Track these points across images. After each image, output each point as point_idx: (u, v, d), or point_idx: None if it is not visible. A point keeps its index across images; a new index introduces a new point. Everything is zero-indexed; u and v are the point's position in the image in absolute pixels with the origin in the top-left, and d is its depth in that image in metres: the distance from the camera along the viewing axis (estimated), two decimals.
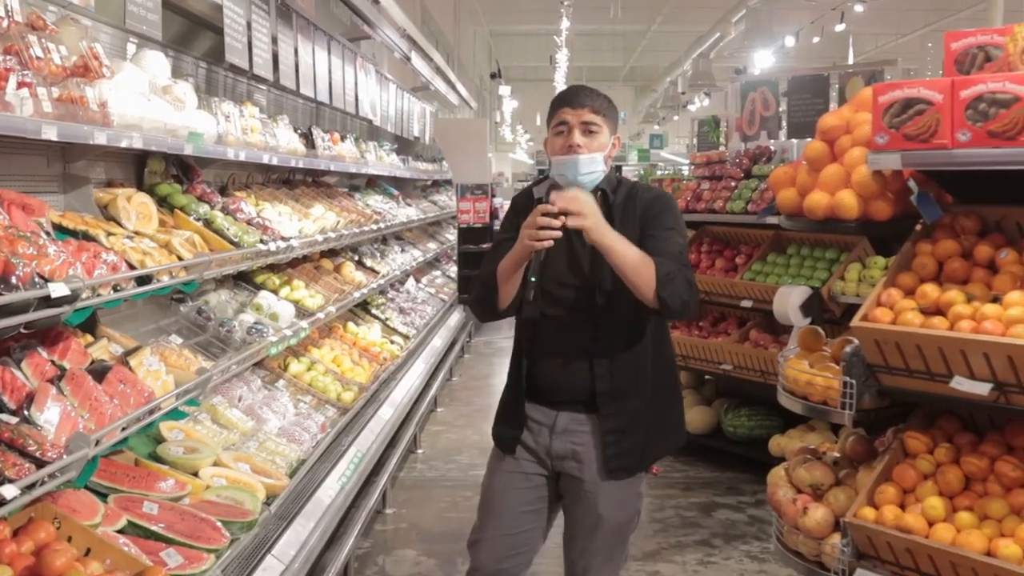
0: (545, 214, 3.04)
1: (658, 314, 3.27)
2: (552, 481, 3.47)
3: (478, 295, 3.40)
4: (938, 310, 3.50)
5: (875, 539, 3.50)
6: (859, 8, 15.55)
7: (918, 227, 3.92)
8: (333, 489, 4.79)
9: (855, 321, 3.62)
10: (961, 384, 3.34)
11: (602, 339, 3.31)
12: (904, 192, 4.01)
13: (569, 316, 3.33)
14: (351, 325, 7.35)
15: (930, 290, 3.56)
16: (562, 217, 3.04)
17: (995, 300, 3.40)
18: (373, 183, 10.07)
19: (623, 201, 3.36)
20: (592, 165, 3.27)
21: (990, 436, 3.64)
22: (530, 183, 3.62)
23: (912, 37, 24.07)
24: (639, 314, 3.30)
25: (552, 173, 3.34)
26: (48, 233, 3.11)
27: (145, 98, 3.70)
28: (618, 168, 26.38)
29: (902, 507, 3.54)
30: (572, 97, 3.29)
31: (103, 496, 3.31)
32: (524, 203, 3.47)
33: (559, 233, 3.05)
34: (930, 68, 25.14)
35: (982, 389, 3.29)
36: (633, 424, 3.35)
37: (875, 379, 3.63)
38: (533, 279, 3.15)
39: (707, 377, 7.85)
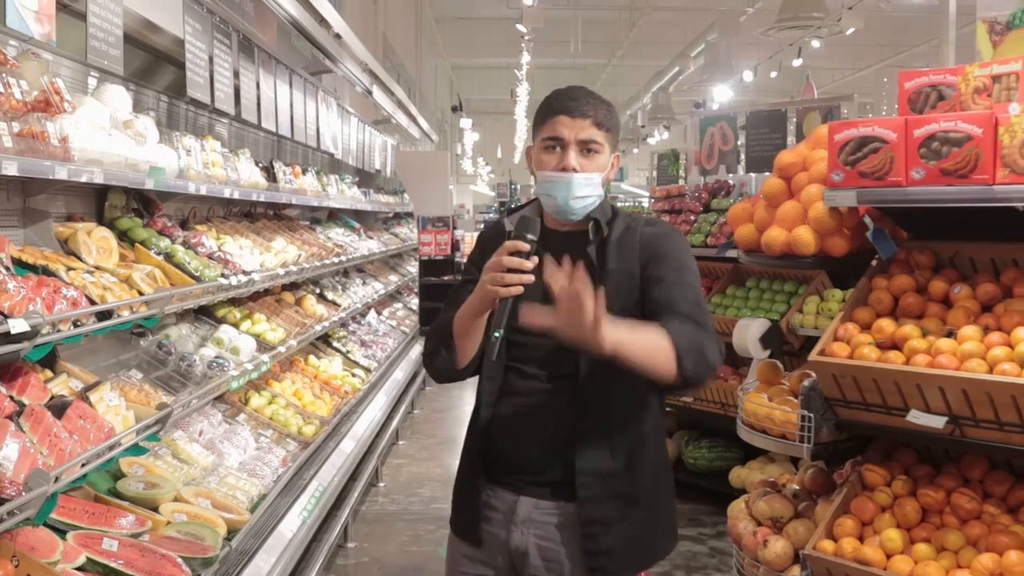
0: (514, 252, 2.46)
1: (682, 387, 2.57)
2: None
3: (431, 351, 2.77)
4: (894, 344, 3.56)
5: (834, 571, 3.53)
6: (816, 44, 15.76)
7: (874, 262, 3.98)
8: (295, 523, 4.76)
9: (812, 355, 3.66)
10: (917, 417, 3.39)
11: (588, 404, 2.64)
12: (860, 228, 4.07)
13: (544, 376, 2.67)
14: (312, 358, 7.33)
15: (886, 325, 3.61)
16: (534, 260, 2.46)
17: (949, 335, 3.47)
18: (335, 216, 10.07)
19: (620, 235, 2.73)
20: (588, 187, 2.67)
21: (946, 468, 3.69)
22: (501, 213, 3.09)
23: (868, 72, 24.42)
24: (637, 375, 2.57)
25: (537, 192, 2.74)
26: (8, 268, 3.09)
27: (106, 132, 3.70)
28: None
29: (860, 539, 3.58)
30: (572, 104, 2.67)
31: (62, 533, 3.28)
32: (494, 239, 2.78)
33: (531, 278, 2.45)
34: (886, 103, 25.48)
35: (937, 422, 3.35)
36: (621, 514, 2.66)
37: (833, 412, 3.68)
38: (497, 335, 2.45)
39: (668, 409, 7.88)
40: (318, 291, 7.87)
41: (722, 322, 6.68)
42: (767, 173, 6.76)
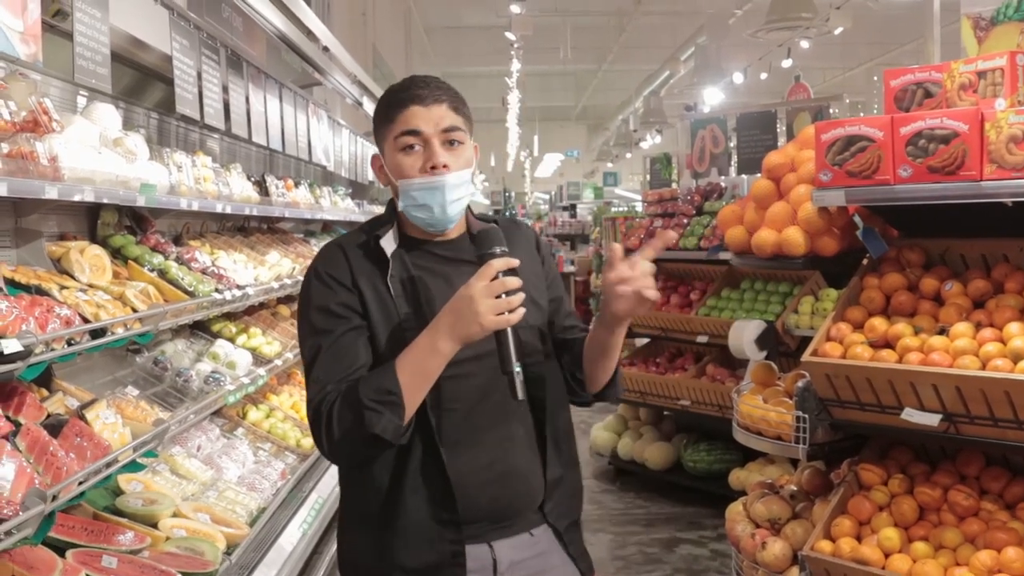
0: (500, 271, 2.14)
1: (587, 400, 2.54)
2: None
3: (354, 423, 2.18)
4: (887, 343, 3.57)
5: (832, 571, 3.53)
6: (805, 44, 15.78)
7: (865, 261, 3.99)
8: (295, 536, 4.76)
9: (805, 356, 3.68)
10: (911, 416, 3.40)
11: (548, 412, 2.45)
12: (850, 227, 4.08)
13: (491, 407, 2.35)
14: None
15: (878, 323, 3.62)
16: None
17: (942, 332, 3.48)
18: (329, 228, 10.07)
19: (508, 236, 2.35)
20: (462, 188, 2.33)
21: (942, 466, 3.70)
22: (358, 228, 2.52)
23: (859, 71, 24.45)
24: (557, 369, 2.52)
25: (404, 205, 2.35)
26: (0, 289, 3.10)
27: (96, 151, 3.70)
28: (572, 206, 26.46)
29: (858, 539, 3.58)
30: (422, 91, 2.33)
31: (61, 551, 3.28)
32: (362, 267, 2.37)
33: (523, 295, 2.14)
34: (877, 101, 25.51)
35: (932, 420, 3.35)
36: (576, 507, 2.57)
37: (827, 413, 3.69)
38: (519, 369, 2.16)
39: (666, 413, 7.89)
40: None
41: (717, 324, 6.70)
42: (758, 175, 6.80)
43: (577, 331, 2.56)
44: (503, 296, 2.12)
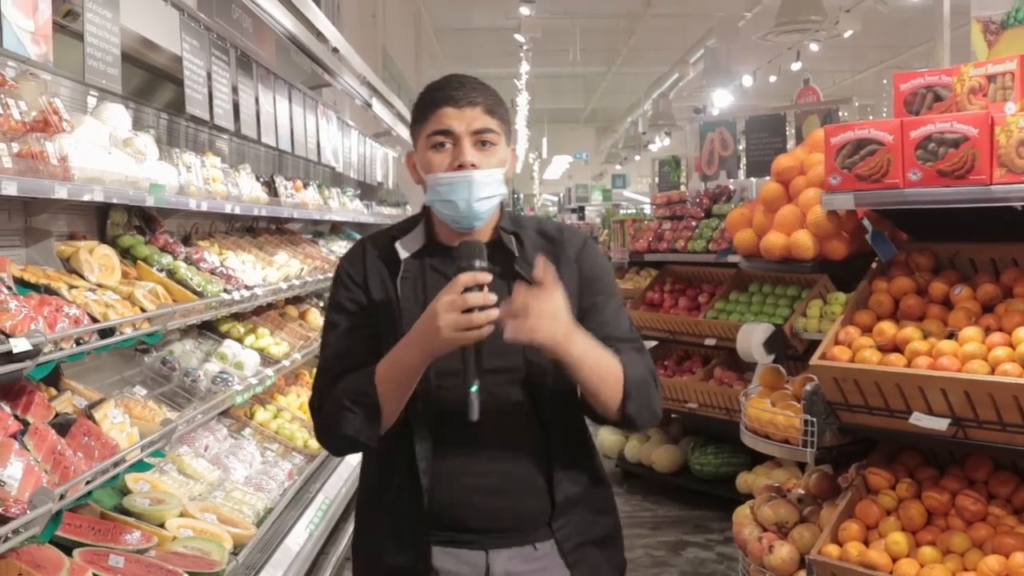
0: (470, 285, 2.09)
1: (616, 425, 2.39)
2: None
3: (332, 420, 2.30)
4: (895, 347, 3.55)
5: None
6: (814, 47, 15.75)
7: (874, 265, 3.98)
8: (301, 537, 4.77)
9: (814, 360, 3.67)
10: (920, 420, 3.39)
11: (554, 429, 2.38)
12: (859, 231, 4.07)
13: (490, 416, 2.21)
14: None
15: (887, 327, 3.61)
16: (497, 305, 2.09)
17: (951, 336, 3.46)
18: (337, 229, 10.08)
19: (535, 246, 2.39)
20: (491, 186, 2.31)
21: (951, 470, 3.69)
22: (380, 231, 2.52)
23: (868, 74, 24.42)
24: (570, 385, 2.37)
25: (430, 200, 2.35)
26: (10, 288, 3.10)
27: (106, 151, 3.71)
28: (581, 208, 26.43)
29: (866, 543, 3.57)
30: (456, 92, 2.30)
31: (68, 550, 3.28)
32: (375, 267, 2.41)
33: (497, 312, 2.09)
34: (886, 104, 25.44)
35: (940, 424, 3.34)
36: (604, 533, 2.48)
37: (835, 416, 3.68)
38: (475, 388, 2.12)
39: (673, 416, 7.87)
40: (322, 304, 7.88)
41: (725, 327, 6.69)
42: (767, 177, 6.80)
43: (609, 343, 2.36)
44: (476, 311, 2.08)
